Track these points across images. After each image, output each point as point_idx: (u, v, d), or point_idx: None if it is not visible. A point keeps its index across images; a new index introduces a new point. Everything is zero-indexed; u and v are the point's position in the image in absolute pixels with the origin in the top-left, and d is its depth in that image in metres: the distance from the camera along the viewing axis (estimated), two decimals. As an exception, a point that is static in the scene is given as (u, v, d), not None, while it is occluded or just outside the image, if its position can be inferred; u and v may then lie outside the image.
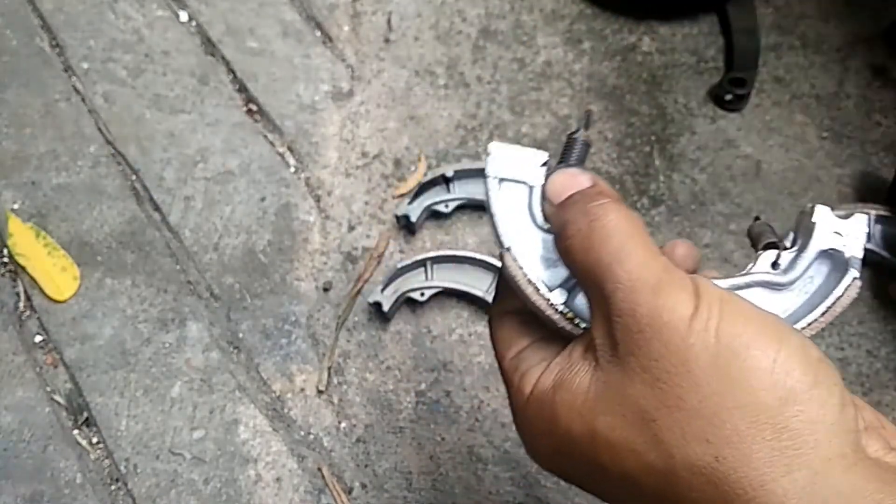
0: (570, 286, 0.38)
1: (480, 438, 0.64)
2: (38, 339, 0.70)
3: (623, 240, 0.33)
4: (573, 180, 0.37)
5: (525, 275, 0.38)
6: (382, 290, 0.68)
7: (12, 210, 0.75)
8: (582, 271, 0.34)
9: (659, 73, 0.81)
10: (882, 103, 0.77)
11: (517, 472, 0.63)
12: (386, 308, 0.67)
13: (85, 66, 0.83)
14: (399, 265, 0.68)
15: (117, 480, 0.64)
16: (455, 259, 0.69)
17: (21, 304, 0.71)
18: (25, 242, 0.73)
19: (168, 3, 0.87)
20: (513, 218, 0.41)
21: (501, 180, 0.41)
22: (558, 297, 0.37)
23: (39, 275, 0.71)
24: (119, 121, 0.80)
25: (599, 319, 0.33)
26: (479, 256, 0.69)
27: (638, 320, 0.31)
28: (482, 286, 0.68)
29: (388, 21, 0.85)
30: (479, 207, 0.73)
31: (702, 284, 0.32)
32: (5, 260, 0.73)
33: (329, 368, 0.68)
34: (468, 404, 0.66)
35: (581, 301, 0.37)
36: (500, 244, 0.40)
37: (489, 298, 0.67)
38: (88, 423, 0.66)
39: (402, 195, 0.75)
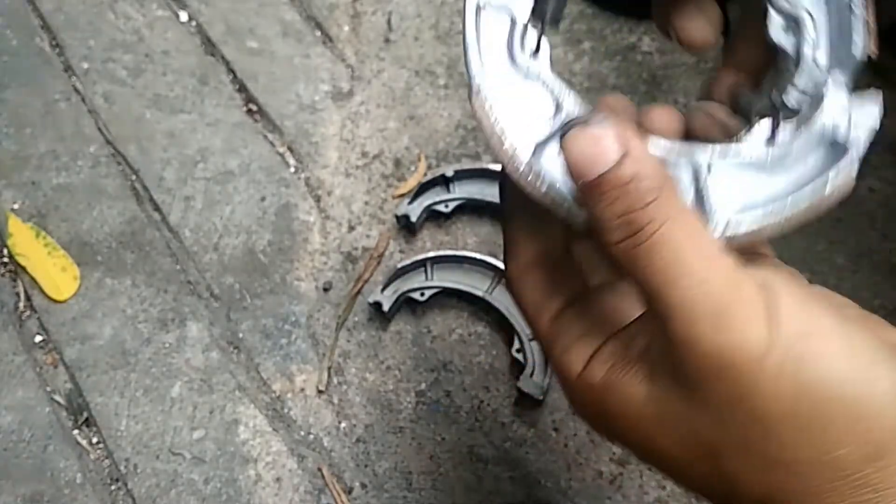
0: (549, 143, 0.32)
1: (480, 438, 0.64)
2: (38, 339, 0.70)
3: (674, 255, 0.27)
4: (598, 148, 0.28)
5: (497, 128, 0.32)
6: (382, 290, 0.68)
7: (12, 210, 0.75)
8: (632, 278, 0.29)
9: (659, 73, 0.81)
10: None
11: (517, 472, 0.63)
12: (386, 308, 0.67)
13: (85, 66, 0.83)
14: (399, 265, 0.68)
15: (117, 480, 0.64)
16: (455, 259, 0.69)
17: (21, 304, 0.71)
18: (25, 242, 0.73)
19: (168, 3, 0.87)
20: (491, 54, 0.34)
21: (479, 7, 0.34)
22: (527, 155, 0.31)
23: (39, 275, 0.71)
24: (119, 121, 0.80)
25: (656, 330, 0.29)
26: (479, 256, 0.69)
27: (699, 358, 0.27)
28: (482, 286, 0.68)
29: (388, 21, 0.85)
30: (479, 207, 0.73)
31: (780, 307, 0.27)
32: (5, 260, 0.73)
33: (329, 368, 0.68)
34: (468, 404, 0.66)
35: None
36: (470, 85, 0.32)
37: (489, 298, 0.67)
38: (88, 423, 0.66)
39: (402, 195, 0.75)
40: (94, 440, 0.66)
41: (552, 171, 0.31)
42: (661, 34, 0.39)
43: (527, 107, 0.33)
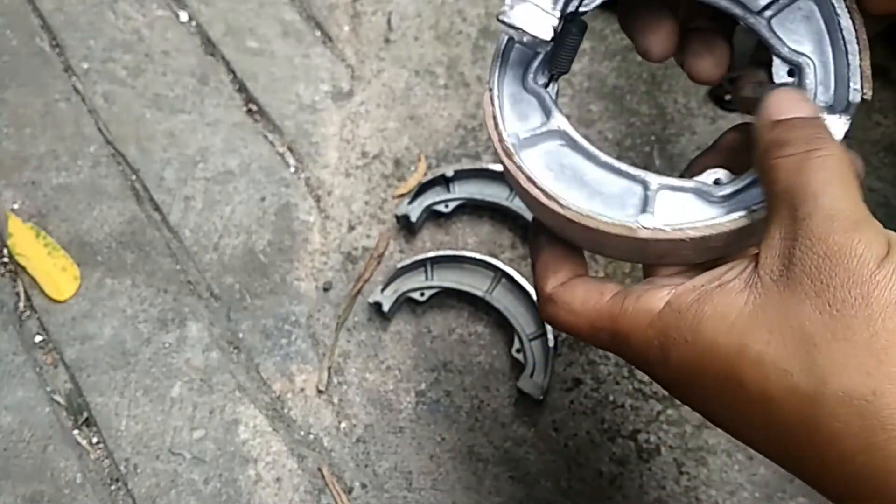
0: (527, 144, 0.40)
1: (480, 438, 0.64)
2: (38, 339, 0.70)
3: (835, 175, 0.32)
4: (798, 104, 0.36)
5: (496, 115, 0.41)
6: (382, 290, 0.68)
7: (12, 210, 0.75)
8: (783, 190, 0.33)
9: (659, 73, 0.81)
10: (882, 103, 0.77)
11: (517, 472, 0.63)
12: (386, 308, 0.67)
13: (85, 66, 0.83)
14: (399, 265, 0.68)
15: (117, 480, 0.64)
16: (455, 259, 0.69)
17: (21, 304, 0.71)
18: (25, 242, 0.73)
19: (168, 3, 0.87)
20: (508, 72, 0.43)
21: (511, 39, 0.43)
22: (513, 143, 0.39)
23: (39, 275, 0.71)
24: (119, 121, 0.80)
25: (777, 238, 0.33)
26: (479, 256, 0.69)
27: (829, 246, 0.31)
28: (482, 286, 0.68)
29: (388, 21, 0.85)
30: (479, 207, 0.73)
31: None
32: (5, 260, 0.73)
33: (329, 368, 0.68)
34: (468, 404, 0.66)
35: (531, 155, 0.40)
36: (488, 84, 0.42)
37: (489, 298, 0.67)
38: (88, 423, 0.66)
39: (402, 195, 0.75)
40: (94, 440, 0.66)
41: (530, 164, 0.40)
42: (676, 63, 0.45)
43: (522, 110, 0.42)
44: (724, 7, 0.42)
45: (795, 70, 0.40)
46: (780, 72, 0.40)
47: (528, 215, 0.72)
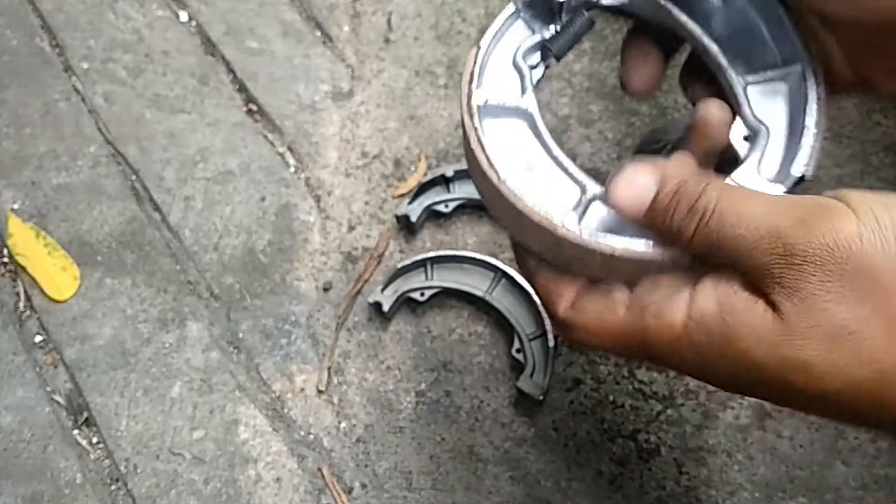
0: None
1: (480, 438, 0.64)
2: (38, 339, 0.70)
3: (738, 210, 0.33)
4: (638, 189, 0.35)
5: (474, 73, 0.41)
6: (382, 290, 0.68)
7: (12, 210, 0.75)
8: (723, 258, 0.34)
9: (659, 73, 0.81)
10: (882, 103, 0.77)
11: (517, 472, 0.63)
12: (386, 308, 0.67)
13: (85, 66, 0.83)
14: (399, 265, 0.68)
15: (117, 480, 0.64)
16: (455, 259, 0.69)
17: (21, 304, 0.71)
18: (25, 242, 0.73)
19: (168, 3, 0.87)
20: (504, 40, 0.44)
21: (518, 11, 0.45)
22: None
23: (39, 275, 0.71)
24: (119, 121, 0.80)
25: (760, 272, 0.33)
26: (479, 256, 0.69)
27: (799, 255, 0.31)
28: (482, 286, 0.68)
29: (388, 21, 0.85)
30: (479, 207, 0.73)
31: (846, 195, 0.32)
32: (5, 260, 0.73)
33: (329, 368, 0.68)
34: (468, 404, 0.66)
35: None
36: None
37: (489, 298, 0.67)
38: (88, 423, 0.66)
39: (402, 195, 0.75)
40: (94, 440, 0.66)
41: (489, 132, 0.41)
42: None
43: (500, 81, 0.43)
44: (711, 61, 0.43)
45: (752, 136, 0.41)
46: (737, 132, 0.41)
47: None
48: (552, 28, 0.44)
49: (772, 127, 0.41)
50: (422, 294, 0.68)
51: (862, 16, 0.37)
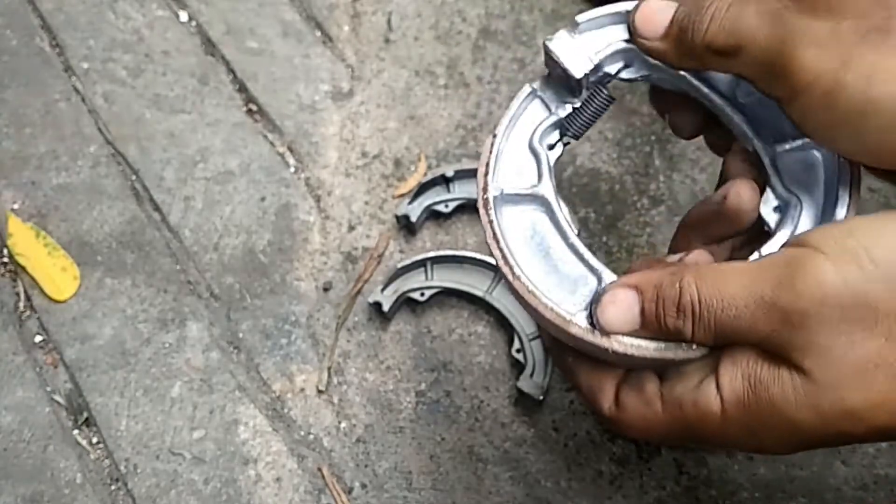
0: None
1: (480, 438, 0.64)
2: (38, 339, 0.70)
3: (720, 294, 0.33)
4: (623, 308, 0.36)
5: (489, 164, 0.41)
6: (382, 290, 0.68)
7: (12, 210, 0.75)
8: (731, 340, 0.34)
9: (659, 73, 0.81)
10: None
11: (517, 472, 0.63)
12: (386, 308, 0.67)
13: (85, 66, 0.83)
14: (399, 265, 0.68)
15: (117, 480, 0.64)
16: (455, 259, 0.69)
17: (21, 304, 0.71)
18: (25, 242, 0.73)
19: (168, 3, 0.87)
20: (521, 123, 0.43)
21: (534, 92, 0.44)
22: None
23: (39, 275, 0.71)
24: (119, 121, 0.80)
25: (769, 342, 0.33)
26: (479, 256, 0.69)
27: (795, 315, 0.31)
28: (482, 286, 0.68)
29: (388, 21, 0.85)
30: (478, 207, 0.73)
31: (808, 240, 0.32)
32: (5, 260, 0.73)
33: (329, 368, 0.68)
34: (468, 404, 0.66)
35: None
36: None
37: (489, 298, 0.67)
38: (88, 423, 0.66)
39: (402, 195, 0.75)
40: (94, 440, 0.66)
41: (506, 222, 0.41)
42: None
43: (518, 166, 0.42)
44: (737, 129, 0.42)
45: (783, 207, 0.40)
46: (769, 204, 0.40)
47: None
48: (569, 106, 0.44)
49: (804, 197, 0.40)
50: (422, 294, 0.68)
51: None
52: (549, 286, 0.39)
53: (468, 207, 0.73)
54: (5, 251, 0.73)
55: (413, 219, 0.71)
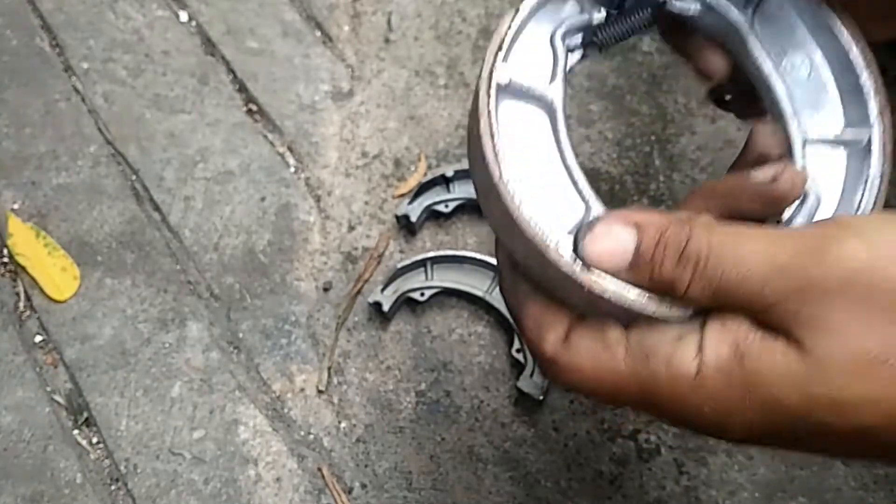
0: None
1: (480, 438, 0.64)
2: (38, 339, 0.70)
3: (735, 249, 0.30)
4: (615, 243, 0.32)
5: (504, 42, 0.35)
6: (382, 290, 0.68)
7: (12, 210, 0.75)
8: (728, 303, 0.31)
9: (659, 73, 0.81)
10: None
11: (517, 472, 0.63)
12: (386, 308, 0.67)
13: (85, 66, 0.83)
14: (399, 265, 0.68)
15: (117, 480, 0.64)
16: (455, 259, 0.69)
17: (21, 304, 0.71)
18: (25, 242, 0.73)
19: (168, 3, 0.87)
20: (547, 10, 0.37)
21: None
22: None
23: (39, 275, 0.71)
24: (119, 121, 0.80)
25: (775, 310, 0.30)
26: (479, 256, 0.69)
27: (816, 287, 0.29)
28: (482, 286, 0.68)
29: (388, 21, 0.85)
30: (479, 207, 0.73)
31: (844, 220, 0.30)
32: (5, 260, 0.73)
33: (329, 368, 0.68)
34: (468, 404, 0.66)
35: None
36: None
37: (489, 298, 0.67)
38: (88, 423, 0.66)
39: (402, 195, 0.75)
40: (94, 440, 0.66)
41: (503, 115, 0.35)
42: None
43: (531, 57, 0.36)
44: (773, 104, 0.38)
45: (801, 198, 0.36)
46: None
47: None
48: (604, 11, 0.38)
49: (824, 194, 0.36)
50: (422, 294, 0.68)
51: None
52: (533, 202, 0.34)
53: (468, 207, 0.73)
54: (5, 251, 0.73)
55: (413, 219, 0.71)
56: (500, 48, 0.36)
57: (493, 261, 0.68)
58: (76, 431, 0.66)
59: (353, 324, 0.70)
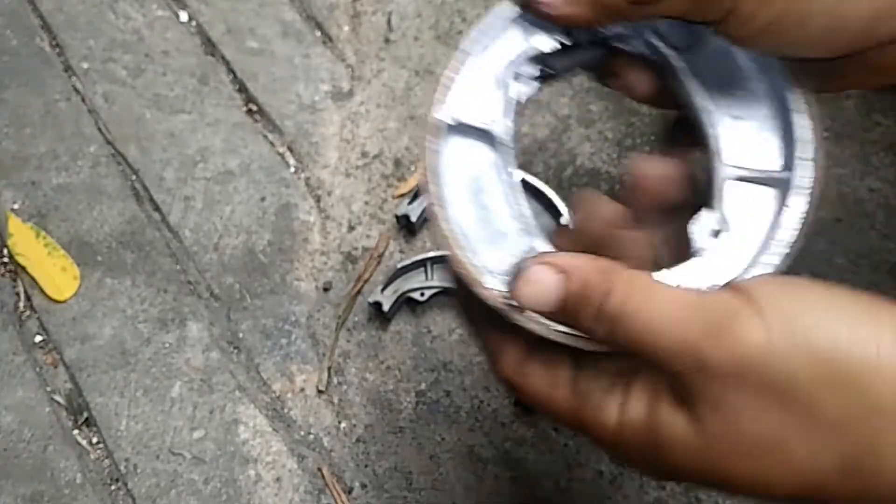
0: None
1: (480, 438, 0.64)
2: (38, 339, 0.70)
3: (647, 315, 0.31)
4: (540, 286, 0.33)
5: (452, 77, 0.36)
6: (382, 290, 0.68)
7: (12, 210, 0.75)
8: (635, 356, 0.33)
9: (659, 73, 0.81)
10: (882, 103, 0.77)
11: (517, 472, 0.63)
12: (386, 308, 0.67)
13: (85, 66, 0.83)
14: (399, 265, 0.68)
15: (117, 480, 0.64)
16: (455, 259, 0.69)
17: (21, 304, 0.71)
18: (25, 242, 0.73)
19: (168, 3, 0.87)
20: (505, 40, 0.38)
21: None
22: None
23: (39, 275, 0.71)
24: (119, 121, 0.80)
25: (679, 382, 0.32)
26: (479, 256, 0.68)
27: (714, 368, 0.30)
28: (482, 286, 0.68)
29: (388, 21, 0.85)
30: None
31: (755, 290, 0.30)
32: (5, 260, 0.73)
33: (329, 368, 0.68)
34: (468, 404, 0.66)
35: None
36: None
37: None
38: (88, 423, 0.66)
39: (402, 195, 0.75)
40: (94, 440, 0.66)
41: (451, 150, 0.37)
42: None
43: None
44: (703, 135, 0.38)
45: (716, 234, 0.36)
46: (703, 224, 0.37)
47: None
48: (555, 41, 0.38)
49: (742, 232, 0.36)
50: (422, 294, 0.68)
51: (819, 54, 0.35)
52: (476, 236, 0.35)
53: (468, 207, 0.73)
54: (5, 251, 0.73)
55: (413, 219, 0.71)
56: (445, 87, 0.38)
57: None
58: (76, 431, 0.66)
59: (353, 324, 0.70)
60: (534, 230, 0.36)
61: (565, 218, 0.70)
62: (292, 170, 0.77)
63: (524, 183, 0.70)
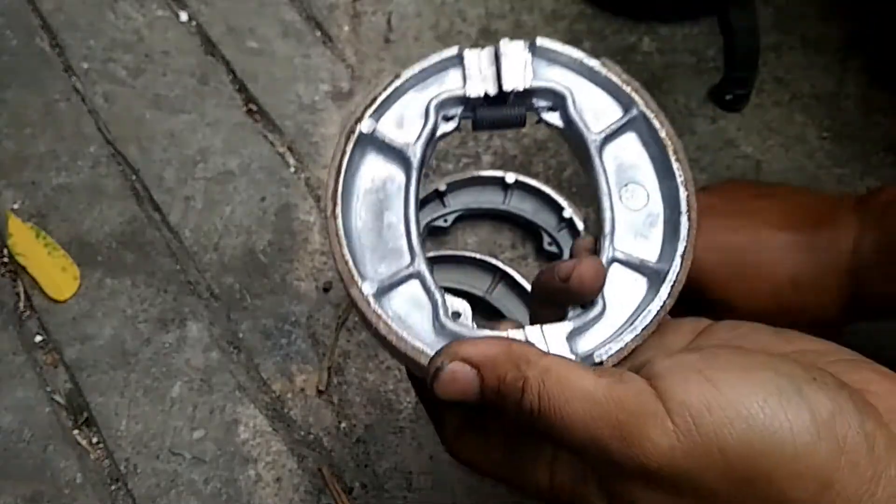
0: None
1: (480, 438, 0.64)
2: (38, 339, 0.70)
3: (562, 408, 0.31)
4: (459, 382, 0.34)
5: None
6: (382, 290, 0.68)
7: (12, 210, 0.75)
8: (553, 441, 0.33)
9: (659, 73, 0.81)
10: (882, 103, 0.77)
11: (517, 472, 0.63)
12: (386, 308, 0.67)
13: (85, 66, 0.83)
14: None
15: (117, 480, 0.64)
16: (455, 259, 0.69)
17: (21, 304, 0.71)
18: (25, 242, 0.73)
19: (168, 3, 0.87)
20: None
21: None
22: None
23: (39, 275, 0.71)
24: (119, 121, 0.80)
25: (594, 475, 0.33)
26: (479, 256, 0.69)
27: (624, 470, 0.30)
28: (482, 286, 0.68)
29: (388, 21, 0.85)
30: (476, 214, 0.73)
31: (670, 385, 0.30)
32: (5, 260, 0.73)
33: (329, 368, 0.68)
34: (468, 404, 0.66)
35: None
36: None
37: (489, 298, 0.67)
38: (88, 423, 0.66)
39: (402, 195, 0.75)
40: (94, 440, 0.66)
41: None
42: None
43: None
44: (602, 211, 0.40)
45: (587, 304, 0.38)
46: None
47: (527, 215, 0.72)
48: (487, 91, 0.41)
49: (613, 310, 0.38)
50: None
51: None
52: (365, 244, 0.37)
53: (467, 216, 0.73)
54: (5, 251, 0.73)
55: (413, 219, 0.71)
56: (370, 104, 0.40)
57: (493, 261, 0.68)
58: (76, 431, 0.66)
59: (353, 324, 0.70)
60: (418, 257, 0.38)
61: (567, 212, 0.70)
62: (292, 170, 0.77)
63: (524, 184, 0.70)
